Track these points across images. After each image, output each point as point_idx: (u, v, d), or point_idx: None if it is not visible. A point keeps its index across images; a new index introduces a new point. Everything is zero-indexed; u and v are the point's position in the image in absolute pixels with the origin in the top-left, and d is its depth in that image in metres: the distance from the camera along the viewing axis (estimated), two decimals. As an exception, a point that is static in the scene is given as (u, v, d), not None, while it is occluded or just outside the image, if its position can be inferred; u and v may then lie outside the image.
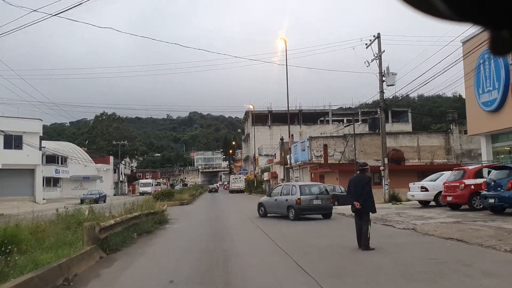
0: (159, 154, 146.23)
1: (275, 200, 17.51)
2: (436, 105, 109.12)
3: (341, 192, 24.39)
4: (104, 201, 42.61)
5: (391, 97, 24.02)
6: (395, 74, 23.41)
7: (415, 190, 18.91)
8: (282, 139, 45.41)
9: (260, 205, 18.57)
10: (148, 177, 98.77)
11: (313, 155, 38.09)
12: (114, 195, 62.37)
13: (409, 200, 23.87)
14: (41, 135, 41.68)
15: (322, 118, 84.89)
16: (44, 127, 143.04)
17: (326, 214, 16.81)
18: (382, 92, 23.76)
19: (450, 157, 38.73)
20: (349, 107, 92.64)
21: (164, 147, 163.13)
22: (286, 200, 16.74)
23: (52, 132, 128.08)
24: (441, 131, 41.55)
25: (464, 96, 25.13)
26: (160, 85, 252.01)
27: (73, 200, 45.02)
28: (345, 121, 79.19)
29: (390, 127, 60.03)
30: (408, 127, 68.96)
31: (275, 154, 61.23)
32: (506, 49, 0.82)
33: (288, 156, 43.52)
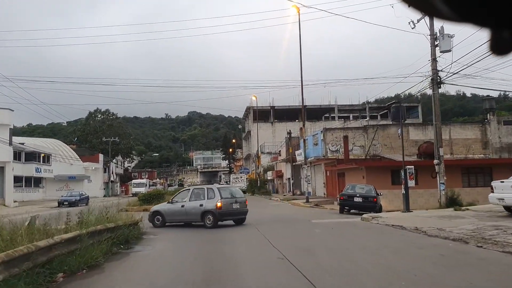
0: (157, 154, 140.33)
1: (182, 206, 14.51)
2: (440, 103, 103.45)
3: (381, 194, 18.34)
4: (86, 204, 36.40)
5: (444, 69, 17.58)
6: (452, 37, 17.14)
7: (506, 191, 12.57)
8: (289, 132, 39.16)
9: (156, 213, 15.18)
10: (144, 177, 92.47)
11: (328, 150, 31.83)
12: (104, 196, 56.00)
13: (472, 204, 17.62)
14: (12, 127, 35.29)
15: (327, 115, 78.79)
16: (41, 126, 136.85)
17: (241, 219, 14.80)
18: (434, 60, 17.48)
19: (487, 152, 32.49)
20: (351, 103, 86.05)
21: (163, 147, 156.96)
22: (201, 205, 14.03)
23: (48, 132, 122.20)
24: (476, 122, 35.26)
25: (468, 95, 18.74)
26: (160, 84, 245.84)
27: (54, 203, 38.90)
28: (351, 117, 73.29)
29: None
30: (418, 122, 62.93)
31: (279, 151, 55.05)
32: (507, 50, 0.81)
33: (298, 152, 37.25)
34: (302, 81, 26.34)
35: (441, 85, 17.46)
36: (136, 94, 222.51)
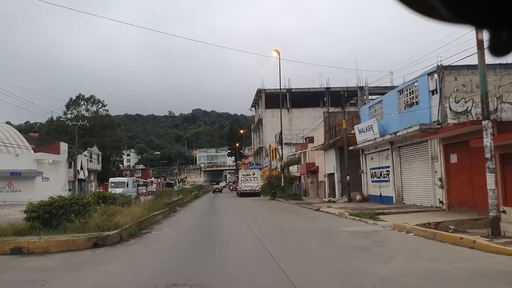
0: (158, 152, 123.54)
1: None
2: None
3: None
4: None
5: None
6: None
7: None
8: (344, 94, 21.88)
9: None
10: (137, 175, 75.41)
11: (448, 111, 14.61)
12: (69, 199, 38.89)
13: None
14: None
15: (353, 101, 61.45)
16: (39, 124, 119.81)
17: None
18: None
19: None
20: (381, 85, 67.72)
21: (165, 145, 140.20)
22: None
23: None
24: None
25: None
26: (163, 81, 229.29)
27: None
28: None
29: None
30: None
31: (306, 139, 38.06)
32: (505, 50, 0.79)
33: (359, 127, 20.04)
34: None
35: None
36: (140, 91, 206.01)
